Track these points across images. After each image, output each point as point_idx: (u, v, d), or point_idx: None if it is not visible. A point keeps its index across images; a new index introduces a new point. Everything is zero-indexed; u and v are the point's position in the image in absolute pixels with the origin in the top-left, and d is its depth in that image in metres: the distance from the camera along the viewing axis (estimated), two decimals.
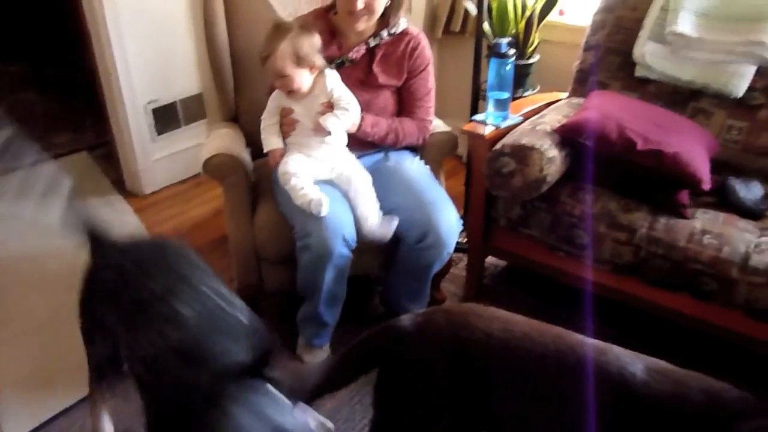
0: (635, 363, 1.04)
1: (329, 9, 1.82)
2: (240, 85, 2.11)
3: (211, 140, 1.92)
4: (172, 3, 2.75)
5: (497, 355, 1.09)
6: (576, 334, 1.13)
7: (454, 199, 1.82)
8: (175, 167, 3.01)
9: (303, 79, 1.65)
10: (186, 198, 2.90)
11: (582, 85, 2.24)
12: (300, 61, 1.63)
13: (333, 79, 1.70)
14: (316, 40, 1.66)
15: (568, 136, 1.81)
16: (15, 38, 4.66)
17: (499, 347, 1.09)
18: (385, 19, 1.76)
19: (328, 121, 1.67)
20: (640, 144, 1.71)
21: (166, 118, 2.89)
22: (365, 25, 1.75)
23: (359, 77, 1.79)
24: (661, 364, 1.07)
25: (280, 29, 1.61)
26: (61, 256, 2.43)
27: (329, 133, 1.68)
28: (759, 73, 1.95)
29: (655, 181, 1.77)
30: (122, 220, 2.71)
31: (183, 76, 2.91)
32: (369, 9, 1.68)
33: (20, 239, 2.56)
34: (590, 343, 1.10)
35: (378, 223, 1.69)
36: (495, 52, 1.89)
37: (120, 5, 2.57)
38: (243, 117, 2.10)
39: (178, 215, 2.75)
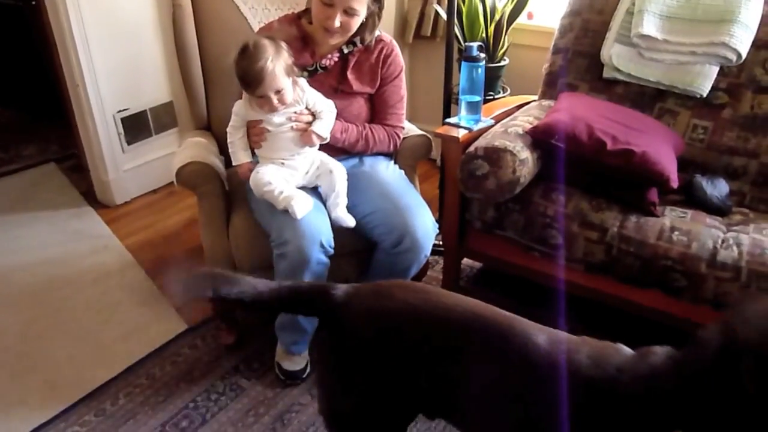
0: (539, 334, 1.09)
1: (301, 15, 1.82)
2: (211, 92, 2.09)
3: (183, 149, 1.90)
4: (139, 11, 2.72)
5: (411, 320, 1.14)
6: (493, 307, 1.17)
7: (428, 202, 1.83)
8: (146, 177, 2.97)
9: (291, 90, 1.66)
10: (159, 208, 2.86)
11: (551, 87, 2.27)
12: (289, 72, 1.63)
13: (305, 85, 1.70)
14: (288, 48, 1.66)
15: (539, 138, 1.83)
16: None
17: (414, 314, 1.14)
18: (359, 34, 1.76)
19: (319, 129, 1.68)
20: (610, 144, 1.75)
21: (136, 127, 2.86)
22: (338, 41, 1.75)
23: (332, 84, 1.79)
24: (561, 334, 1.11)
25: (259, 48, 1.57)
26: (29, 271, 2.39)
27: (325, 139, 1.70)
28: (722, 73, 2.01)
29: (625, 181, 1.81)
30: (94, 232, 2.67)
31: (152, 84, 2.88)
32: (344, 28, 1.68)
33: None
34: (501, 313, 1.14)
35: (344, 211, 1.70)
36: (466, 56, 1.91)
37: (86, 14, 2.53)
38: (215, 125, 2.08)
39: (151, 225, 2.71)
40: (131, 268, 2.40)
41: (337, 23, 1.65)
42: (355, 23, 1.69)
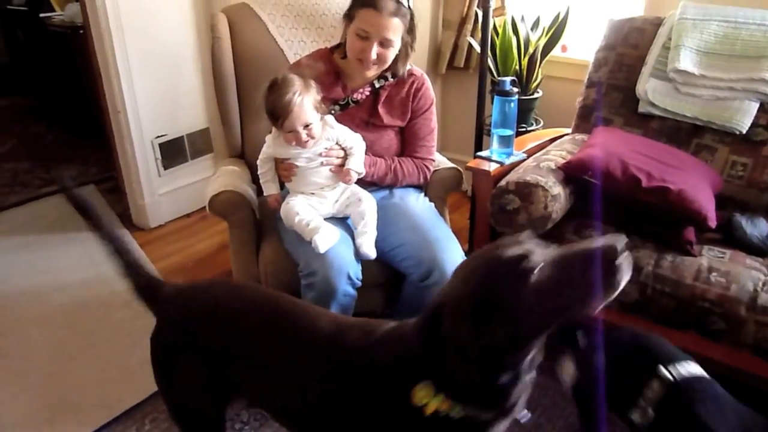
0: (323, 318, 1.22)
1: (333, 50, 1.85)
2: (246, 121, 2.13)
3: (217, 177, 1.94)
4: (179, 41, 2.80)
5: (218, 314, 1.25)
6: (294, 300, 1.29)
7: (458, 232, 1.82)
8: (180, 201, 3.02)
9: (320, 125, 1.68)
10: (191, 232, 2.90)
11: (585, 121, 2.25)
12: (317, 107, 1.65)
13: (333, 122, 1.72)
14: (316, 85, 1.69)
15: (572, 174, 1.81)
16: (25, 73, 4.76)
17: (221, 308, 1.26)
18: (391, 67, 1.78)
19: (354, 165, 1.70)
20: (645, 181, 1.71)
21: (172, 152, 2.92)
22: (374, 73, 1.78)
23: (363, 118, 1.80)
24: (349, 318, 1.27)
25: (287, 82, 1.60)
26: (63, 291, 2.44)
27: (362, 174, 1.73)
28: (762, 109, 1.97)
29: (660, 218, 1.77)
30: None
31: (190, 111, 2.95)
32: (381, 60, 1.71)
33: (21, 274, 2.57)
34: (295, 304, 1.27)
35: (369, 242, 1.70)
36: (499, 91, 1.91)
37: (129, 43, 2.62)
38: (249, 153, 2.12)
39: (184, 249, 2.75)
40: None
41: (373, 55, 1.68)
42: (391, 54, 1.71)
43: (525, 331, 0.95)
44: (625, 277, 0.94)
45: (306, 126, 1.63)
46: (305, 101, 1.61)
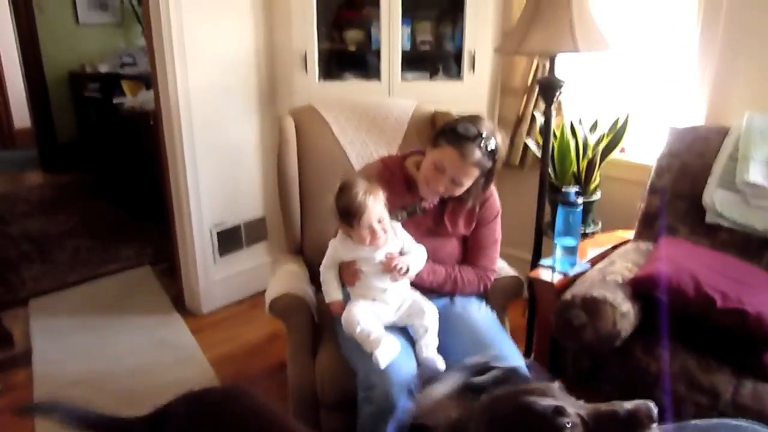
0: None
1: (406, 156, 1.88)
2: (306, 219, 2.16)
3: (276, 279, 1.94)
4: (243, 135, 2.92)
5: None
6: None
7: (513, 331, 1.77)
8: (233, 287, 3.05)
9: (389, 219, 1.70)
10: (243, 320, 2.91)
11: (648, 228, 2.20)
12: (384, 204, 1.68)
13: (398, 229, 1.74)
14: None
15: (641, 290, 1.75)
16: (94, 151, 5.02)
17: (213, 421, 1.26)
18: (464, 193, 1.79)
19: (407, 259, 1.69)
20: (720, 302, 1.64)
21: (229, 240, 2.98)
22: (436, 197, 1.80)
23: (429, 226, 1.81)
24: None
25: (356, 183, 1.64)
26: (115, 381, 2.43)
27: (409, 273, 1.70)
28: None
29: (738, 339, 1.68)
30: (179, 342, 2.73)
31: (248, 200, 3.03)
32: (447, 192, 1.74)
33: (76, 359, 2.59)
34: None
35: (435, 352, 1.67)
36: (563, 201, 1.89)
37: (197, 136, 2.73)
38: (308, 250, 2.14)
39: (235, 338, 2.75)
40: (211, 384, 2.41)
41: (441, 189, 1.71)
42: (459, 191, 1.74)
43: None
44: None
45: (380, 221, 1.65)
46: (375, 198, 1.64)
